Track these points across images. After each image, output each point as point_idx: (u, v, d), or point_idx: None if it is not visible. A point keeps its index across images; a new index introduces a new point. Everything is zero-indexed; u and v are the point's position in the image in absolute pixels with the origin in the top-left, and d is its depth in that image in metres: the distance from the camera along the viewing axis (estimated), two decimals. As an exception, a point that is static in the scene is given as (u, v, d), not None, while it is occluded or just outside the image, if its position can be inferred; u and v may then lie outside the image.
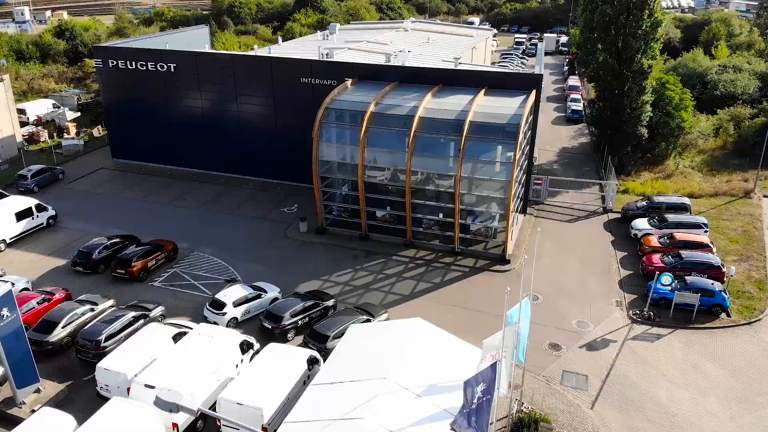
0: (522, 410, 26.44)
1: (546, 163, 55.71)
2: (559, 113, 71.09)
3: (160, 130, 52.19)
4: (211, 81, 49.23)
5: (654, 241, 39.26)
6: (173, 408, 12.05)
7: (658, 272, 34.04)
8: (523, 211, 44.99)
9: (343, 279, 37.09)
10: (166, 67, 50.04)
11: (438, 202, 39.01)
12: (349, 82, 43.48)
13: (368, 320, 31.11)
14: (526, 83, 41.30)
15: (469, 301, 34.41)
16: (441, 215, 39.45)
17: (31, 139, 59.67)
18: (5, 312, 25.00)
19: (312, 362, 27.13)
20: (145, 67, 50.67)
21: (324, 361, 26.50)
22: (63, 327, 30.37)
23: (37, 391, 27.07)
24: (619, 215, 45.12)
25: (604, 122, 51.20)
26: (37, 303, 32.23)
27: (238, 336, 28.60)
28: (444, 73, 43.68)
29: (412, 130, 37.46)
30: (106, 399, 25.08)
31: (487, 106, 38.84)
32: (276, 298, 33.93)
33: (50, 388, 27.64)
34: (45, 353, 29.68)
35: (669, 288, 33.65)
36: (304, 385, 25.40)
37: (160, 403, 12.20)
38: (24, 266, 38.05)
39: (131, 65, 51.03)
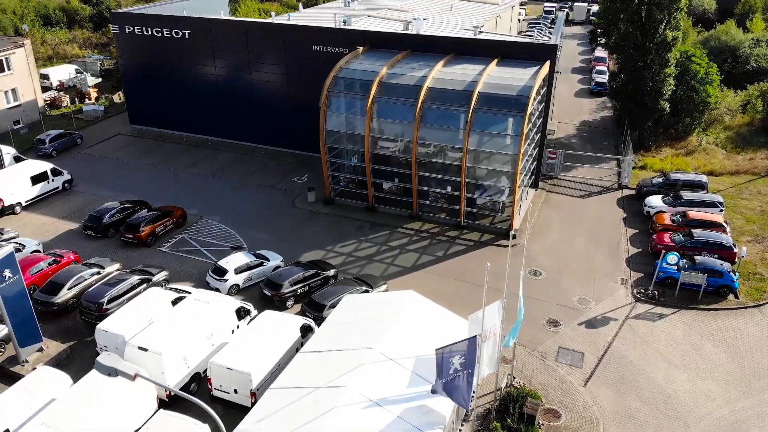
0: (513, 385, 26.36)
1: (564, 136, 54.54)
2: (583, 85, 69.29)
3: (176, 97, 52.49)
4: (224, 48, 49.13)
5: (666, 218, 38.32)
6: (111, 372, 12.26)
7: (664, 251, 33.24)
8: (535, 186, 44.26)
9: (346, 250, 37.16)
10: (181, 33, 50.06)
11: (445, 175, 38.57)
12: (360, 50, 42.91)
13: (366, 291, 31.19)
14: (540, 54, 40.17)
15: (470, 275, 34.16)
16: (449, 188, 39.03)
17: (53, 104, 60.66)
18: (7, 273, 25.70)
19: (306, 330, 27.42)
20: (160, 34, 50.78)
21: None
22: (69, 289, 31.14)
23: (40, 350, 27.96)
24: (633, 192, 44.09)
25: (624, 95, 49.67)
26: (47, 265, 33.04)
27: (234, 302, 28.95)
28: (456, 42, 42.73)
29: (420, 101, 36.91)
30: (106, 359, 25.79)
31: (497, 77, 37.97)
32: (278, 267, 34.19)
33: (53, 347, 28.53)
34: (51, 314, 30.59)
35: (675, 267, 32.87)
36: (297, 352, 25.67)
37: (99, 367, 12.43)
38: (37, 229, 39.02)
39: (147, 31, 51.19)
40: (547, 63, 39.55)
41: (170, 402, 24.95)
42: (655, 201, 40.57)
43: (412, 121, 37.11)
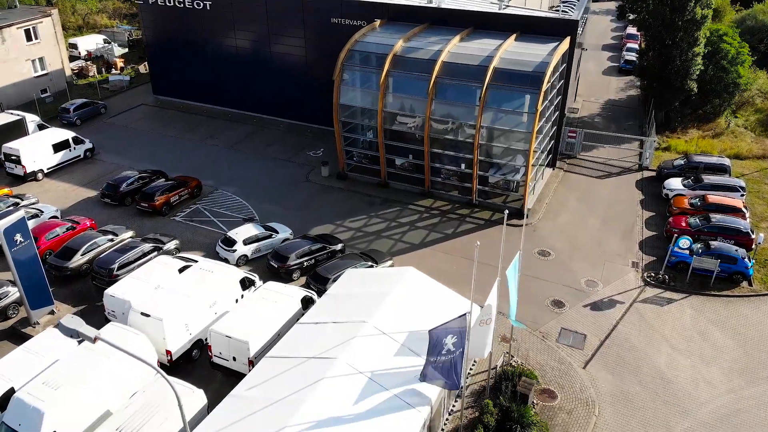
0: (510, 364, 26.30)
1: (588, 115, 53.34)
2: (612, 63, 67.41)
3: (198, 68, 52.84)
4: (245, 19, 49.08)
5: (685, 202, 37.36)
6: (73, 334, 12.61)
7: (676, 235, 32.49)
8: (552, 165, 43.53)
9: (356, 225, 37.26)
10: (202, 4, 50.16)
11: (457, 152, 38.17)
12: (377, 23, 42.45)
13: (371, 266, 31.32)
14: (560, 29, 39.08)
15: (482, 254, 33.84)
16: (463, 165, 38.64)
17: (80, 73, 61.67)
18: (18, 237, 26.52)
19: (307, 302, 27.71)
20: (183, 5, 50.95)
21: (320, 302, 27.00)
22: (82, 254, 31.98)
23: (51, 312, 28.90)
24: (654, 173, 43.03)
25: (651, 74, 48.19)
26: (62, 231, 33.94)
27: (239, 273, 29.37)
28: (475, 16, 41.81)
29: (434, 76, 36.44)
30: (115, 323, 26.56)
31: (514, 53, 37.18)
32: (287, 239, 34.51)
33: (64, 310, 29.46)
34: (64, 278, 31.55)
35: (687, 251, 32.13)
36: (297, 323, 26.00)
37: (62, 329, 12.79)
38: (57, 196, 40.04)
39: (170, 2, 51.40)
40: (567, 39, 38.52)
41: (171, 367, 25.61)
42: (674, 183, 39.56)
43: (425, 96, 36.70)
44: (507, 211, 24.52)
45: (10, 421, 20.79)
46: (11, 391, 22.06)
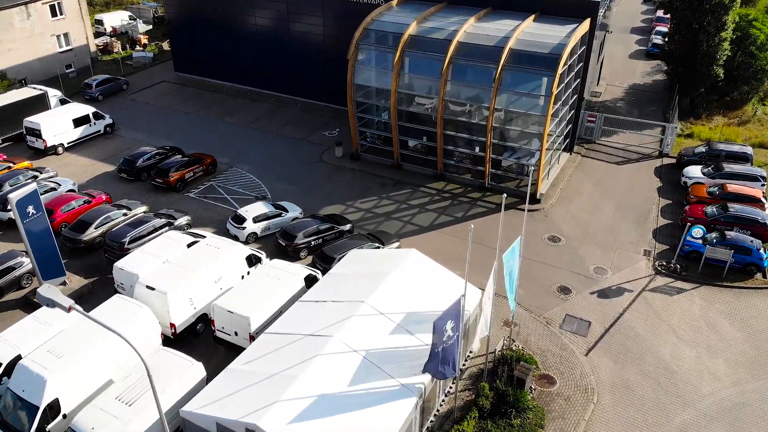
0: (511, 348, 26.20)
1: (610, 99, 52.23)
2: (640, 46, 65.70)
3: (218, 46, 53.07)
4: (264, -3, 49.09)
5: (703, 190, 36.49)
6: (49, 303, 12.91)
7: (689, 224, 31.78)
8: (569, 150, 42.84)
9: (366, 206, 37.27)
10: (223, -18, 50.26)
11: (470, 135, 37.78)
12: (394, 1, 41.98)
13: (378, 247, 31.36)
14: (580, 10, 38.13)
15: (486, 238, 33.61)
16: (477, 149, 38.26)
17: (105, 49, 62.48)
18: (31, 209, 27.14)
19: (311, 281, 27.90)
20: (204, -18, 51.13)
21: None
22: (96, 228, 32.65)
23: (63, 283, 29.63)
24: (674, 161, 42.06)
25: (676, 59, 46.88)
26: (77, 204, 34.66)
27: (245, 249, 29.67)
28: (495, -5, 41.10)
29: (448, 56, 36.00)
30: (123, 295, 27.14)
31: (531, 34, 36.48)
32: (296, 218, 34.72)
33: (76, 282, 30.19)
34: (78, 250, 32.30)
35: (700, 241, 31.44)
36: (298, 301, 26.22)
37: (40, 298, 13.11)
38: (76, 170, 40.84)
39: (192, -21, 51.62)
40: (587, 21, 37.63)
41: (174, 340, 26.11)
42: (693, 171, 38.62)
43: (439, 77, 36.32)
44: (506, 195, 24.20)
45: (15, 387, 21.48)
46: (18, 358, 22.76)
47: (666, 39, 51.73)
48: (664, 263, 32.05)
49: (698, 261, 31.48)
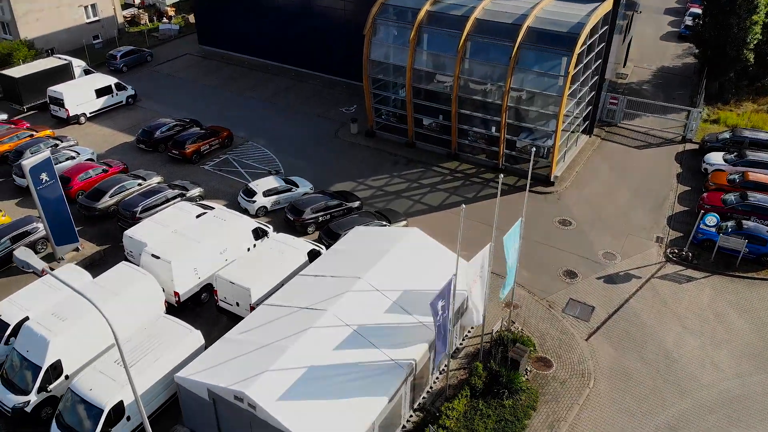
0: (509, 329, 26.11)
1: (636, 81, 50.88)
2: (673, 28, 63.65)
3: (242, 19, 53.14)
4: (287, -29, 48.88)
5: (724, 177, 35.50)
6: (25, 265, 13.29)
7: (702, 211, 31.01)
8: (589, 132, 42.00)
9: (377, 183, 37.25)
10: (247, -45, 50.15)
11: (485, 114, 37.31)
12: (414, -23, 41.33)
13: (384, 225, 31.40)
14: (604, -11, 37.10)
15: (493, 220, 33.42)
16: (494, 129, 37.77)
17: (132, 21, 63.17)
18: (44, 177, 27.85)
19: (314, 255, 28.14)
20: (228, -45, 51.10)
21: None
22: (110, 196, 33.36)
23: (76, 249, 30.46)
24: (697, 146, 40.93)
25: (706, 41, 45.32)
26: (94, 173, 35.42)
27: (252, 222, 30.02)
28: (516, -27, 40.14)
29: (464, 33, 35.46)
30: (133, 263, 27.82)
31: (550, 12, 35.63)
32: (306, 194, 34.92)
33: (88, 248, 31.00)
34: (93, 218, 33.10)
35: (714, 229, 30.69)
36: (298, 275, 26.50)
37: (16, 260, 13.50)
38: (96, 139, 41.65)
39: (216, -48, 51.63)
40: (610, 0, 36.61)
41: (179, 308, 26.69)
42: (715, 158, 37.56)
43: (455, 54, 35.84)
44: (502, 176, 23.96)
45: (20, 347, 22.28)
46: (26, 320, 23.53)
47: (695, 21, 50.01)
48: (676, 251, 31.41)
49: (711, 250, 30.76)
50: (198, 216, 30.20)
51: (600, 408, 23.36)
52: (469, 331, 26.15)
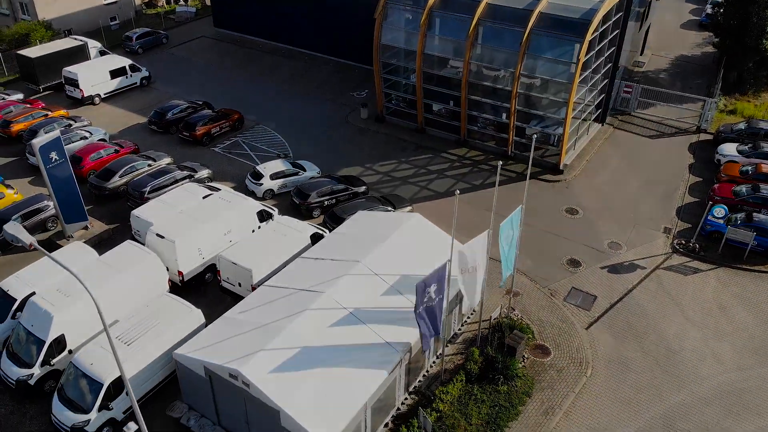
0: (509, 316, 26.12)
1: (653, 70, 50.06)
2: (694, 16, 62.36)
3: (256, 3, 53.20)
4: (301, -46, 48.73)
5: (736, 169, 34.93)
6: (14, 239, 13.57)
7: (711, 202, 30.58)
8: (601, 121, 41.51)
9: (385, 169, 37.25)
10: (262, -63, 50.05)
11: (495, 101, 37.04)
12: (427, -38, 40.96)
13: (389, 211, 31.46)
14: (618, -26, 36.46)
15: (501, 207, 32.99)
16: (504, 116, 37.49)
17: (150, 3, 63.50)
18: (54, 155, 28.30)
19: (316, 239, 28.34)
20: (243, -63, 51.04)
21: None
22: (120, 176, 33.83)
23: (85, 228, 30.98)
24: (711, 137, 40.27)
25: (724, 30, 44.38)
26: (106, 153, 35.90)
27: (257, 205, 30.26)
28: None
29: (475, 18, 35.16)
30: (139, 242, 28.28)
31: (564, -3, 35.17)
32: (313, 178, 35.07)
33: (97, 226, 31.51)
34: (103, 197, 33.62)
35: (722, 221, 30.27)
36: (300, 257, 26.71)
37: (6, 234, 13.79)
38: (110, 120, 42.15)
39: (231, -66, 51.59)
40: (625, -14, 36.00)
41: (183, 288, 27.08)
42: (728, 149, 36.94)
43: (465, 39, 35.56)
44: (501, 163, 23.87)
45: (25, 322, 22.82)
46: (32, 295, 24.05)
47: (715, 9, 48.95)
48: (683, 242, 31.07)
49: (720, 241, 30.36)
50: (204, 197, 30.51)
51: (596, 397, 23.34)
52: (468, 317, 26.21)
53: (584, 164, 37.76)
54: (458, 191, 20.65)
